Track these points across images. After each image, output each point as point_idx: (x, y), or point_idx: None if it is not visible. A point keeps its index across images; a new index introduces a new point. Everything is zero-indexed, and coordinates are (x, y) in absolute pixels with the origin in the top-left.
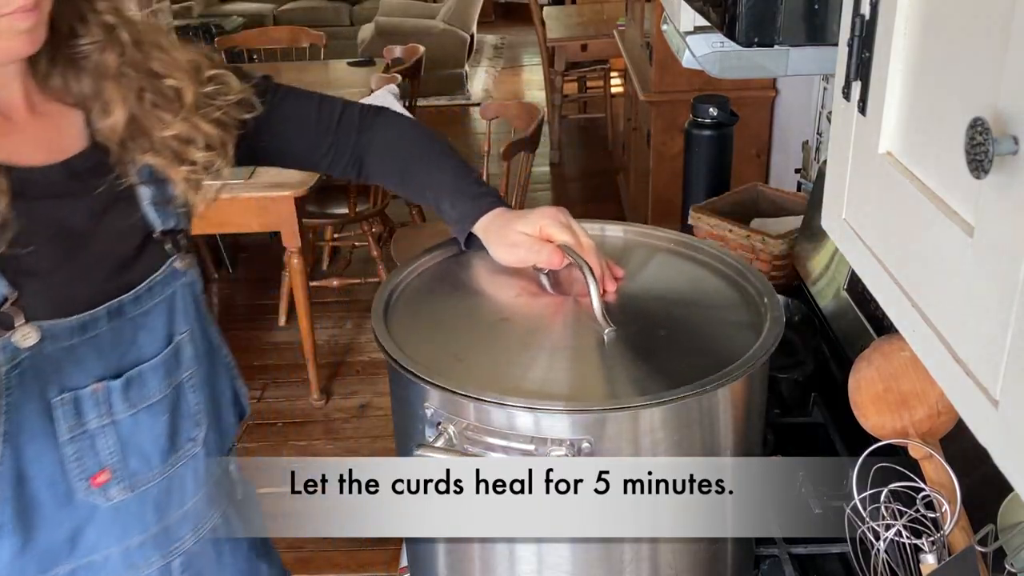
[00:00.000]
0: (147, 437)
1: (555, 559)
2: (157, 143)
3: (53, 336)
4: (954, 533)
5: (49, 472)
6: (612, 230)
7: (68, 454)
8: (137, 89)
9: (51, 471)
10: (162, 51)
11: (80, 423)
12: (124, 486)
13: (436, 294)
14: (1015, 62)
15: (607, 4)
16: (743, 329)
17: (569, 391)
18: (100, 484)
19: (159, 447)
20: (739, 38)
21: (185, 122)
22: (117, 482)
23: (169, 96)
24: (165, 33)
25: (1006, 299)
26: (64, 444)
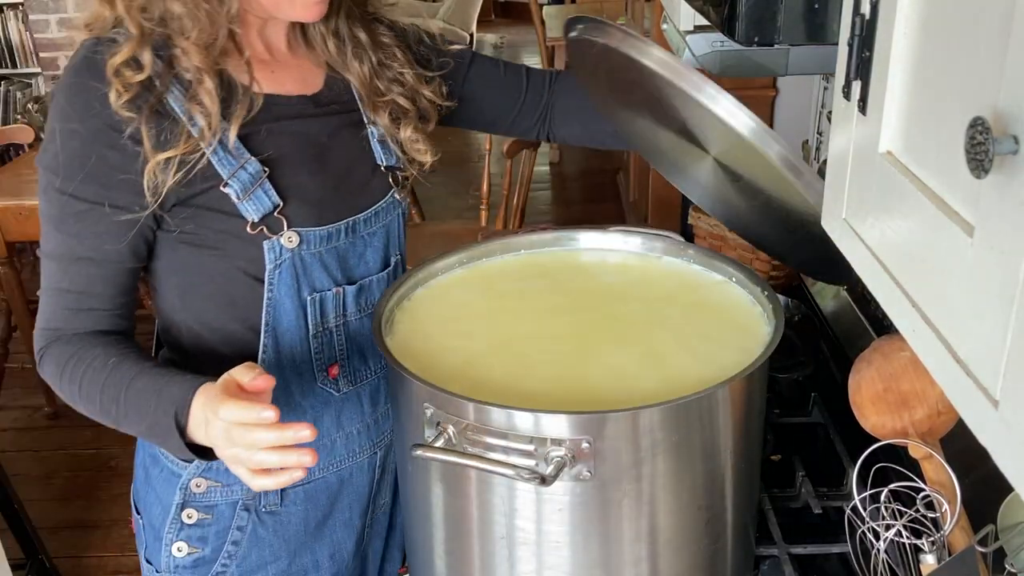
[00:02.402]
0: (368, 339)
1: (555, 559)
2: (383, 100)
3: (308, 242)
4: (954, 533)
5: (298, 362)
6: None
7: (313, 347)
8: (370, 58)
9: (300, 361)
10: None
11: (323, 321)
12: (349, 380)
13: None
14: (1015, 62)
15: (607, 3)
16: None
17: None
18: (333, 376)
19: (375, 349)
20: (739, 37)
21: (403, 97)
22: (344, 376)
23: (394, 65)
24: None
25: (1006, 299)
26: (311, 338)
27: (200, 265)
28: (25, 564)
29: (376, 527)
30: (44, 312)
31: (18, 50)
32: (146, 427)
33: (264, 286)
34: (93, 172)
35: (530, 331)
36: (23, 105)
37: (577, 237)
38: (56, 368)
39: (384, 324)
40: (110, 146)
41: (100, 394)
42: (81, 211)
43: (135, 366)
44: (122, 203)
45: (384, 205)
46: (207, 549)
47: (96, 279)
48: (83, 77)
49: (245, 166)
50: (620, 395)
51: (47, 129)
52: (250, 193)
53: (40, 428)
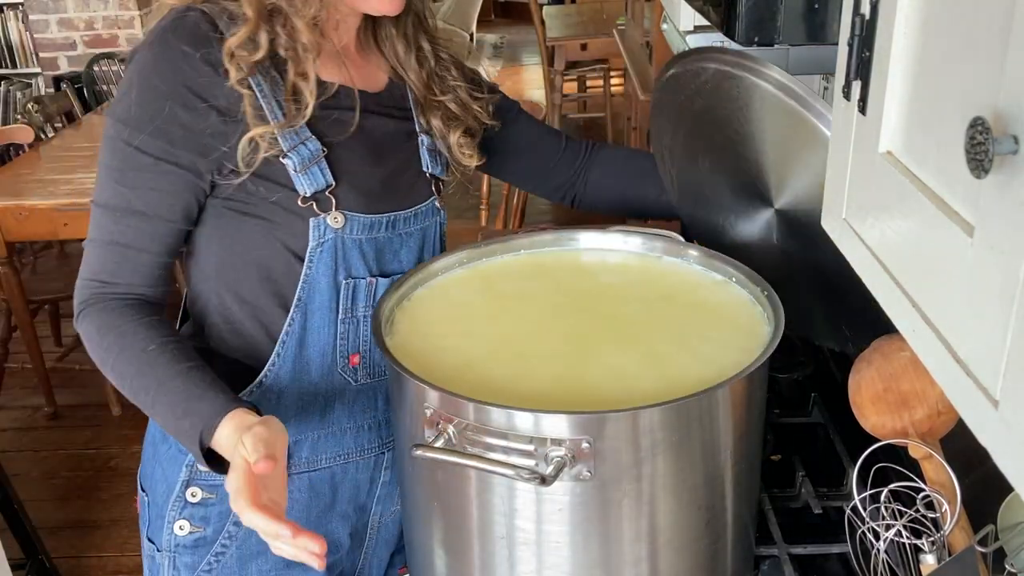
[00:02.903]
0: None
1: (555, 559)
2: (436, 102)
3: (351, 226)
4: (954, 533)
5: (322, 344)
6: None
7: (339, 332)
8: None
9: (324, 343)
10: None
11: (353, 308)
12: (368, 372)
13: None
14: (1015, 62)
15: (607, 3)
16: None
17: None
18: (353, 365)
19: None
20: (739, 37)
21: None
22: (364, 367)
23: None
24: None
25: (1006, 299)
26: (338, 322)
27: (243, 235)
28: (25, 564)
29: (383, 533)
30: (90, 263)
31: (18, 50)
32: (172, 428)
33: (302, 264)
34: (163, 129)
35: (530, 331)
36: (23, 105)
37: (577, 237)
38: (94, 332)
39: (384, 324)
40: (185, 107)
41: (132, 377)
42: (145, 165)
43: (171, 365)
44: (185, 163)
45: (424, 208)
46: (208, 529)
47: (147, 235)
48: (173, 38)
49: (306, 143)
50: (620, 395)
51: (124, 83)
52: (307, 168)
53: (40, 428)
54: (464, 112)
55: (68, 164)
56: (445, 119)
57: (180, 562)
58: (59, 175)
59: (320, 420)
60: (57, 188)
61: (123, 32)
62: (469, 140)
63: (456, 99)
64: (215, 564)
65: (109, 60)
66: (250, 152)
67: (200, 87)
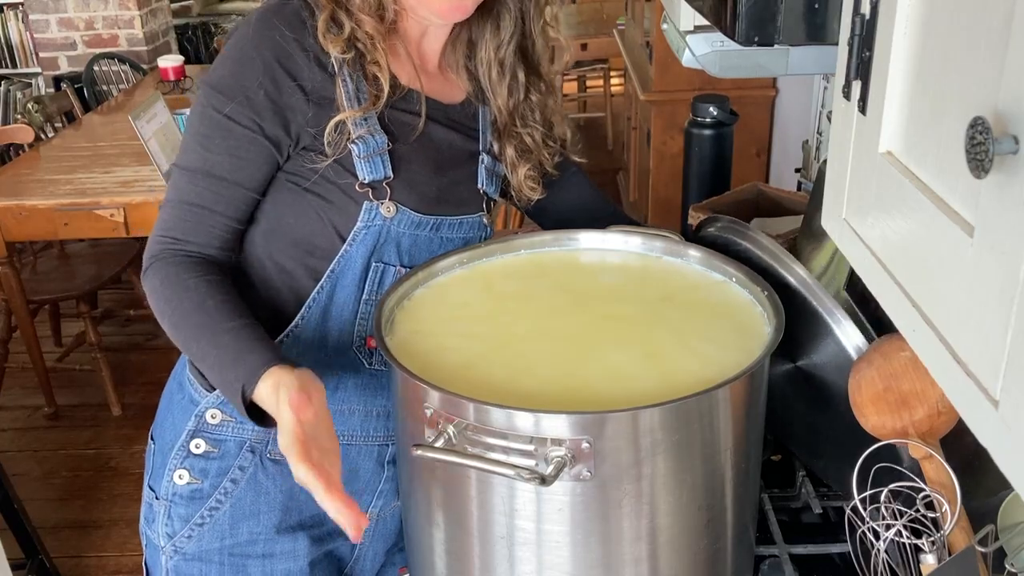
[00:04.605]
0: None
1: (555, 559)
2: (516, 132)
3: (400, 220)
4: (954, 533)
5: (343, 320)
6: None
7: (361, 312)
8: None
9: (345, 319)
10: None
11: (378, 291)
12: (381, 359)
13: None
14: (1015, 62)
15: (607, 3)
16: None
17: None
18: (370, 347)
19: None
20: (739, 37)
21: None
22: (379, 353)
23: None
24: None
25: (1006, 299)
26: (363, 303)
27: (297, 208)
28: (25, 564)
29: (381, 527)
30: (165, 221)
31: (18, 50)
32: (217, 380)
33: (343, 242)
34: (253, 100)
35: (530, 331)
36: (23, 105)
37: (577, 237)
38: (159, 283)
39: (384, 324)
40: (276, 83)
41: (186, 328)
42: (232, 131)
43: (225, 320)
44: (270, 134)
45: (471, 220)
46: (206, 483)
47: (224, 199)
48: (275, 19)
49: (374, 134)
50: (620, 395)
51: (222, 54)
52: (370, 157)
53: (40, 428)
54: (537, 150)
55: (68, 164)
56: (519, 151)
57: (175, 512)
58: (59, 175)
59: (330, 395)
60: (57, 188)
61: (123, 32)
62: (535, 175)
63: (532, 136)
64: (208, 519)
65: (109, 60)
66: (337, 136)
67: (291, 67)
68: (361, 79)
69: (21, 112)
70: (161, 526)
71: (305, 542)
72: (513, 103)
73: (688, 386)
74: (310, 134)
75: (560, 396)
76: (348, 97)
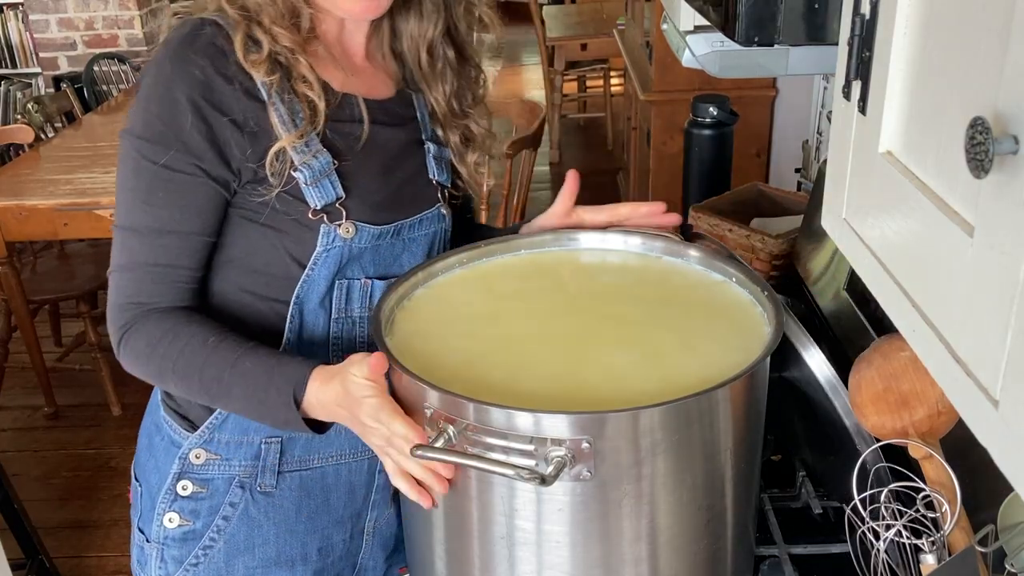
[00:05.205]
0: None
1: (555, 559)
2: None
3: (359, 235)
4: (954, 533)
5: (318, 341)
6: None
7: (333, 330)
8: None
9: (317, 343)
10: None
11: (347, 308)
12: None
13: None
14: (1015, 62)
15: (607, 3)
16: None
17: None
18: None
19: None
20: (739, 37)
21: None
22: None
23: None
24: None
25: (1006, 299)
26: (332, 321)
27: (249, 241)
28: (25, 564)
29: (378, 538)
30: (123, 288)
31: (18, 50)
32: (254, 403)
33: (302, 267)
34: (190, 143)
35: (530, 331)
36: (23, 105)
37: (577, 237)
38: (146, 344)
39: (384, 324)
40: (207, 120)
41: (200, 372)
42: (175, 181)
43: (237, 346)
44: (215, 175)
45: (430, 215)
46: (198, 523)
47: (183, 252)
48: (189, 50)
49: (317, 156)
50: (620, 395)
51: (140, 99)
52: (318, 181)
53: (40, 428)
54: (484, 137)
55: (68, 164)
56: (463, 139)
57: (168, 554)
58: (59, 175)
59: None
60: (57, 188)
61: (123, 32)
62: (485, 160)
63: (476, 123)
64: (202, 558)
65: (109, 60)
66: (279, 164)
67: (219, 102)
68: (293, 100)
69: (21, 112)
70: (154, 569)
71: (303, 571)
72: (449, 90)
73: (688, 386)
74: (251, 168)
75: (560, 396)
76: (283, 123)
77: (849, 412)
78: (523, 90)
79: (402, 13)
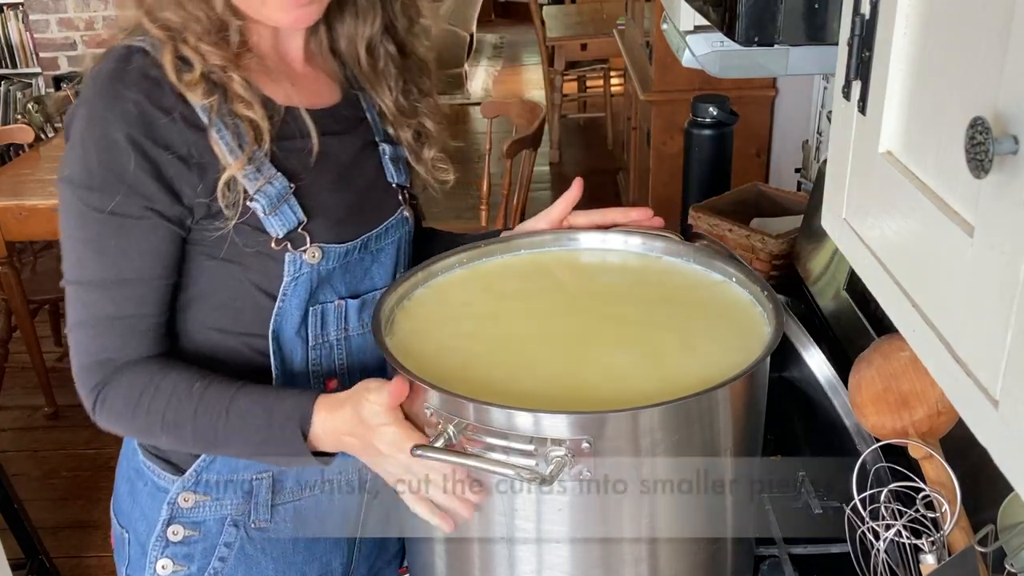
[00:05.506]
0: (371, 356)
1: (555, 559)
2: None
3: (327, 258)
4: (954, 533)
5: (298, 369)
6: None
7: (311, 357)
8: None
9: (298, 372)
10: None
11: (323, 333)
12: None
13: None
14: (1015, 62)
15: (607, 3)
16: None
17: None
18: (331, 390)
19: (379, 367)
20: (739, 37)
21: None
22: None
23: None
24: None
25: (1006, 299)
26: (310, 348)
27: (211, 276)
28: (25, 564)
29: (364, 550)
30: (87, 346)
31: (18, 50)
32: (257, 444)
33: (271, 298)
34: (138, 185)
35: (530, 331)
36: (23, 105)
37: (577, 237)
38: (125, 403)
39: (384, 324)
40: (150, 158)
41: (192, 421)
42: (126, 228)
43: (227, 388)
44: (168, 214)
45: (394, 222)
46: (193, 567)
47: (146, 300)
48: (120, 84)
49: (272, 181)
50: (620, 395)
51: (74, 146)
52: (276, 208)
53: (40, 428)
54: (438, 134)
55: None
56: (416, 137)
57: None
58: None
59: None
60: None
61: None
62: (443, 155)
63: (428, 121)
64: None
65: None
66: (232, 194)
67: (161, 136)
68: (237, 122)
69: (21, 112)
70: None
71: None
72: (395, 88)
73: (688, 386)
74: (204, 203)
75: (560, 396)
76: (229, 149)
77: (849, 412)
78: (523, 90)
79: (337, 14)
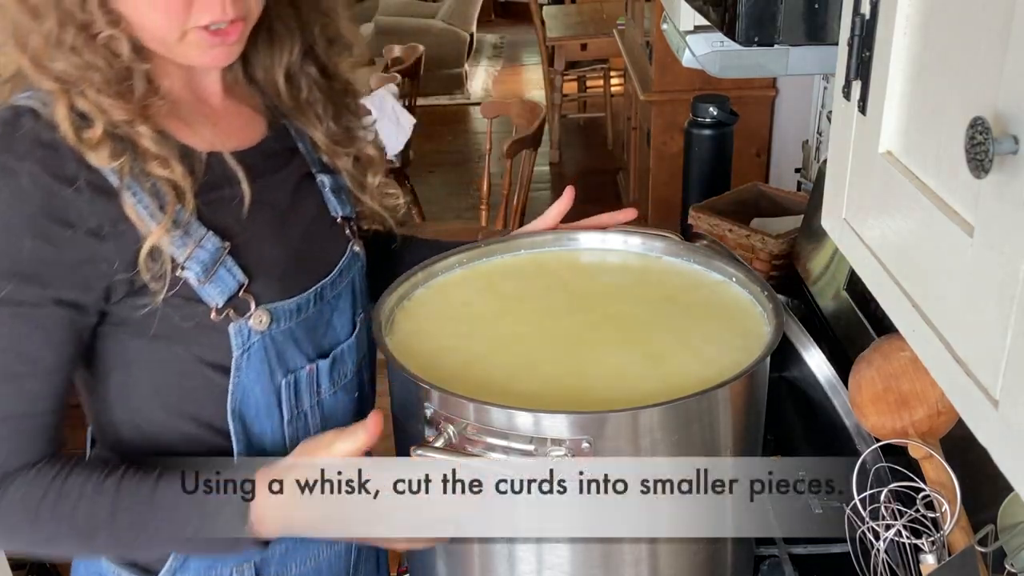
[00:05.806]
0: (342, 415)
1: (555, 559)
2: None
3: (277, 319)
4: (954, 533)
5: (272, 449)
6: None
7: (288, 434)
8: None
9: (272, 452)
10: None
11: (298, 404)
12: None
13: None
14: (1015, 62)
15: (607, 3)
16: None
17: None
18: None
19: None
20: (739, 37)
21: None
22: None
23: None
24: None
25: (1006, 299)
26: (286, 424)
27: (145, 358)
28: (25, 564)
29: None
30: None
31: None
32: (189, 532)
33: (224, 374)
34: (31, 271)
35: (530, 331)
36: None
37: (577, 237)
38: (22, 519)
39: (384, 324)
40: (49, 239)
41: (110, 519)
42: (17, 317)
43: (144, 477)
44: (67, 300)
45: (346, 263)
46: None
47: (40, 396)
48: (10, 157)
49: (202, 243)
50: (620, 395)
51: None
52: (212, 274)
53: None
54: (378, 160)
55: None
56: (356, 161)
57: None
58: None
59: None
60: None
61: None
62: (388, 179)
63: (367, 149)
64: None
65: None
66: (156, 265)
67: (62, 212)
68: (154, 181)
69: None
70: None
71: None
72: (323, 115)
73: (688, 386)
74: (125, 280)
75: (560, 396)
76: (148, 214)
77: (849, 412)
78: (523, 90)
79: (250, 42)
